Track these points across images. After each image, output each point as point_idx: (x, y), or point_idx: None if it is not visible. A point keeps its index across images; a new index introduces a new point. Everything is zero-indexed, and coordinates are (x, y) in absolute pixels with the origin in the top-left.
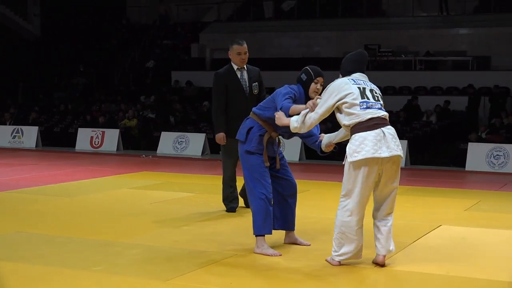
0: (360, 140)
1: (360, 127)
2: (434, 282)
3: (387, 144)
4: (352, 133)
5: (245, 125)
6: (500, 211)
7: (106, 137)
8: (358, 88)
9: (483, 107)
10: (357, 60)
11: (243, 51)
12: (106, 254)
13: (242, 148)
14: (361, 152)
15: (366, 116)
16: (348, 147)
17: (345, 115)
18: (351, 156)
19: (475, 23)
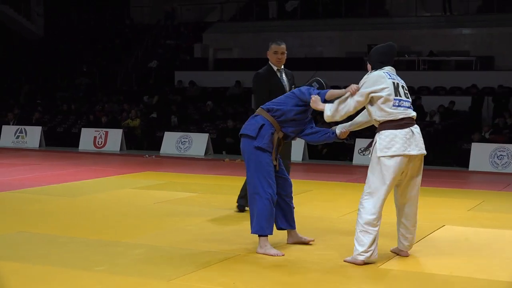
0: (391, 137)
1: (390, 124)
2: (437, 282)
3: (416, 143)
4: (382, 129)
5: (256, 121)
6: (503, 211)
7: (109, 137)
8: (392, 83)
9: (486, 107)
10: (388, 53)
11: (280, 50)
12: (108, 254)
13: (250, 144)
14: (391, 148)
15: (399, 116)
16: (378, 143)
17: (378, 110)
18: (382, 151)
19: (478, 23)
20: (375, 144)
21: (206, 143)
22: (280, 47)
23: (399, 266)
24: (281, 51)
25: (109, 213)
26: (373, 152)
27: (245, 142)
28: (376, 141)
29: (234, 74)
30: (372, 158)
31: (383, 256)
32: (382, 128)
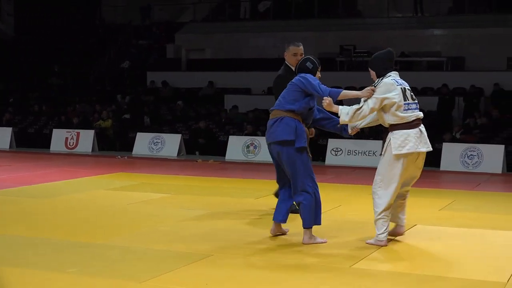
0: (405, 136)
1: (402, 125)
2: (409, 281)
3: (424, 140)
4: (394, 129)
5: (287, 124)
6: (474, 210)
7: (81, 138)
8: (401, 89)
9: (457, 107)
10: (390, 59)
11: (299, 52)
12: (82, 255)
13: (290, 147)
14: (405, 146)
15: (411, 118)
16: (393, 142)
17: (391, 116)
18: (397, 149)
19: (450, 24)
20: (389, 143)
21: (179, 144)
22: (299, 49)
23: (371, 265)
24: (300, 53)
25: (81, 214)
26: (387, 150)
27: (284, 147)
28: (390, 140)
29: (207, 74)
30: (386, 155)
31: (355, 256)
32: (394, 128)
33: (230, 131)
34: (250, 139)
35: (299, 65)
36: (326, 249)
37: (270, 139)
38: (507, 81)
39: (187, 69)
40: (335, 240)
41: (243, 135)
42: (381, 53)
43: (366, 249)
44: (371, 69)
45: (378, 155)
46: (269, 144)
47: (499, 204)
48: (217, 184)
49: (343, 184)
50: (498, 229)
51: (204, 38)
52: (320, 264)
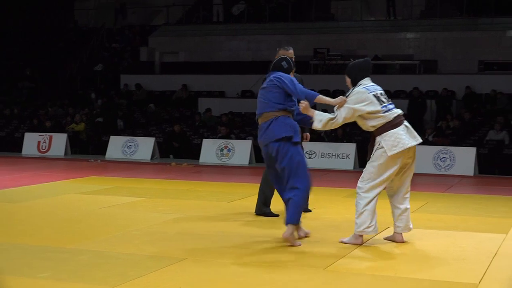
0: (395, 136)
1: (388, 126)
2: (382, 283)
3: (413, 134)
4: (382, 132)
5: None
6: (446, 212)
7: (54, 141)
8: (374, 96)
9: (429, 110)
10: (367, 68)
11: (289, 55)
12: (53, 260)
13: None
14: (398, 145)
15: (391, 116)
16: (385, 144)
17: (372, 120)
18: (391, 150)
19: (422, 27)
20: (380, 145)
21: (153, 147)
22: (288, 52)
23: (345, 268)
24: (289, 56)
25: (53, 219)
26: (378, 153)
27: (282, 143)
28: (381, 143)
29: (181, 77)
30: (378, 156)
31: (328, 259)
32: (382, 131)
33: (204, 134)
34: (224, 142)
35: (274, 63)
36: (301, 250)
37: (268, 139)
38: (479, 84)
39: (161, 72)
40: (310, 242)
41: (217, 138)
42: (358, 62)
43: (340, 251)
44: (347, 76)
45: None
46: (267, 144)
47: (470, 206)
48: (191, 188)
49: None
50: (469, 230)
51: (178, 41)
52: (295, 266)
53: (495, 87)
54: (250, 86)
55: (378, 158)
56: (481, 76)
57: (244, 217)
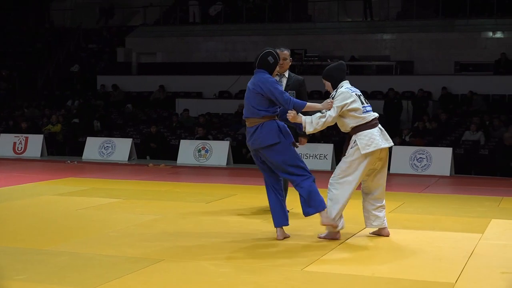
0: (369, 135)
1: (364, 126)
2: (359, 283)
3: (386, 137)
4: (358, 131)
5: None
6: (423, 212)
7: (30, 142)
8: (356, 95)
9: (406, 110)
10: (343, 70)
11: (282, 56)
12: (29, 262)
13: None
14: (371, 144)
15: (369, 118)
16: (359, 142)
17: (351, 119)
18: (364, 149)
19: (398, 28)
20: (355, 144)
21: (130, 148)
22: (282, 53)
23: (323, 268)
24: (283, 57)
25: (29, 220)
26: (353, 151)
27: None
28: (356, 141)
29: (158, 78)
30: (352, 154)
31: (306, 259)
32: (358, 130)
33: (181, 135)
34: (201, 143)
35: (261, 58)
36: (279, 250)
37: (255, 145)
38: (455, 85)
39: (138, 73)
40: (287, 242)
41: (195, 139)
42: (334, 65)
43: (318, 251)
44: (326, 80)
45: (328, 158)
46: (255, 150)
47: (447, 206)
48: (168, 189)
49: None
50: (446, 230)
51: (155, 42)
52: (273, 267)
53: (470, 88)
54: (227, 87)
55: (351, 155)
56: (457, 77)
57: (222, 218)
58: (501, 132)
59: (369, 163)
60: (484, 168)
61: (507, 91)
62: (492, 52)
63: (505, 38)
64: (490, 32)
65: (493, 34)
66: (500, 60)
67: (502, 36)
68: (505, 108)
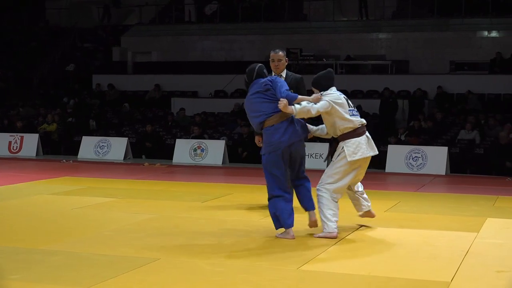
0: (356, 143)
1: (353, 133)
2: (355, 282)
3: (372, 146)
4: (346, 138)
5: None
6: (418, 211)
7: (25, 142)
8: (344, 98)
9: (401, 110)
10: (331, 78)
11: (276, 58)
12: (25, 262)
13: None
14: (358, 153)
15: (357, 124)
16: (346, 149)
17: (340, 120)
18: (350, 156)
19: (394, 28)
20: (342, 151)
21: (125, 148)
22: (276, 55)
23: (318, 267)
24: (277, 59)
25: (25, 219)
26: (340, 157)
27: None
28: (343, 148)
29: (153, 77)
30: (338, 160)
31: (301, 258)
32: (346, 137)
33: (177, 134)
34: (197, 142)
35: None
36: (275, 250)
37: (297, 137)
38: (450, 84)
39: (133, 72)
40: (282, 242)
41: (190, 138)
42: (323, 73)
43: (314, 250)
44: (315, 88)
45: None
46: (291, 144)
47: (442, 205)
48: (164, 188)
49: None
50: (442, 229)
51: (151, 41)
52: (269, 266)
53: (466, 87)
54: (223, 86)
55: (338, 162)
56: (452, 76)
57: (218, 217)
58: (496, 131)
59: (357, 168)
60: (479, 167)
61: (502, 90)
62: (487, 51)
63: (500, 37)
64: (485, 32)
65: (488, 34)
66: (495, 59)
67: (497, 36)
68: (500, 107)
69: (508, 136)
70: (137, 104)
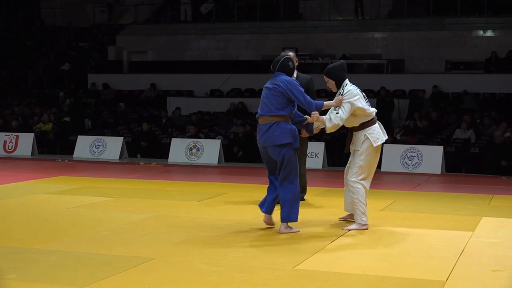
0: (377, 130)
1: (370, 122)
2: (350, 281)
3: (383, 130)
4: (366, 126)
5: (285, 128)
6: (413, 210)
7: (20, 141)
8: (361, 92)
9: (397, 109)
10: (345, 69)
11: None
12: (21, 261)
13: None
14: (379, 138)
15: (373, 114)
16: (370, 137)
17: (361, 115)
18: (376, 142)
19: (389, 27)
20: (366, 139)
21: (121, 147)
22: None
23: (313, 266)
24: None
25: (21, 219)
26: (366, 145)
27: (283, 148)
28: (366, 136)
29: (149, 76)
30: (366, 150)
31: (297, 257)
32: (365, 126)
33: (172, 133)
34: (193, 142)
35: (282, 62)
36: (270, 249)
37: (268, 143)
38: (446, 84)
39: (129, 71)
40: (279, 241)
41: (186, 137)
42: (337, 64)
43: (308, 250)
44: (330, 79)
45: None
46: (265, 146)
47: (438, 204)
48: (159, 187)
49: None
50: (437, 228)
51: (146, 40)
52: (265, 265)
53: (461, 86)
54: (218, 85)
55: (365, 151)
56: (447, 75)
57: (213, 216)
58: (491, 130)
59: (377, 153)
60: (474, 166)
61: (497, 90)
62: (483, 50)
63: (496, 36)
64: (480, 31)
65: (484, 33)
66: (490, 59)
67: (493, 35)
68: (495, 106)
69: (503, 135)
70: (133, 103)
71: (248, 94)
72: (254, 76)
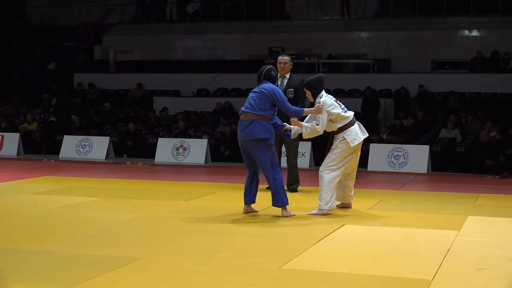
0: (354, 131)
1: (348, 124)
2: (336, 281)
3: (362, 130)
4: (345, 129)
5: (263, 125)
6: (400, 209)
7: (6, 141)
8: (335, 101)
9: (383, 108)
10: (322, 82)
11: (282, 61)
12: (7, 261)
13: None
14: (356, 138)
15: (350, 117)
16: (348, 138)
17: (338, 122)
18: (352, 142)
19: (376, 27)
20: (343, 139)
21: (107, 147)
22: (282, 59)
23: (300, 265)
24: (283, 62)
25: (6, 219)
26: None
27: (258, 143)
28: (344, 137)
29: (135, 76)
30: (338, 146)
31: (283, 257)
32: (343, 129)
33: (159, 133)
34: (179, 141)
35: (265, 73)
36: (256, 248)
37: (248, 136)
38: (432, 83)
39: (115, 71)
40: (265, 240)
41: (173, 137)
42: (316, 77)
43: (295, 249)
44: (308, 90)
45: (306, 156)
46: (245, 140)
47: (424, 203)
48: (146, 187)
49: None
50: (423, 227)
51: (132, 40)
52: (251, 265)
53: (447, 86)
54: (205, 85)
55: (339, 147)
56: (434, 75)
57: (200, 216)
58: (477, 130)
59: (352, 152)
60: (460, 166)
61: (483, 89)
62: (469, 50)
63: (481, 36)
64: (466, 31)
65: (469, 33)
66: (476, 58)
67: (478, 35)
68: (481, 106)
69: (488, 135)
70: (119, 103)
71: (234, 94)
72: (240, 75)
